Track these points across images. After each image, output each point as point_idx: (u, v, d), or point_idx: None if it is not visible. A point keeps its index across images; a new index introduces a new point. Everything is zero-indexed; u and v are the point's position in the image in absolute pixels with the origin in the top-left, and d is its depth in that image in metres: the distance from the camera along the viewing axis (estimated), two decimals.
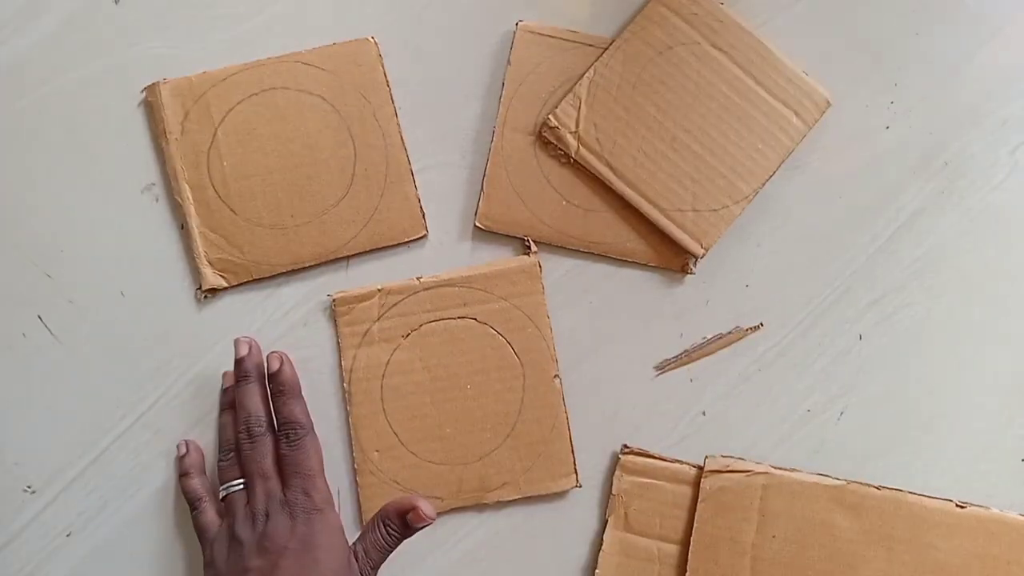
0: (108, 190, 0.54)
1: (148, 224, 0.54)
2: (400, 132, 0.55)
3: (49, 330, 0.53)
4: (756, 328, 0.54)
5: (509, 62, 0.55)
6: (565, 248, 0.55)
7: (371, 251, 0.54)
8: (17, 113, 0.54)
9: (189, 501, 0.51)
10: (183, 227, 0.53)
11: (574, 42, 0.55)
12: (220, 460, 0.51)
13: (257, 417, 0.50)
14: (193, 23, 0.55)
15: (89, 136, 0.54)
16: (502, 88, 0.55)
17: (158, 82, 0.54)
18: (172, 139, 0.54)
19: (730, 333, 0.54)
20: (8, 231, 0.54)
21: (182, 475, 0.51)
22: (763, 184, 0.54)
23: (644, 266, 0.55)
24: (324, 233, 0.54)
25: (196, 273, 0.53)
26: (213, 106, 0.54)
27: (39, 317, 0.53)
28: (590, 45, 0.55)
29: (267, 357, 0.51)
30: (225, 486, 0.50)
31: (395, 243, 0.54)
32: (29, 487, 0.52)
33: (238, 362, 0.51)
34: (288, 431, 0.49)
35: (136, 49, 0.55)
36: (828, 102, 0.55)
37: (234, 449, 0.51)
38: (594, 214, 0.54)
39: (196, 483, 0.51)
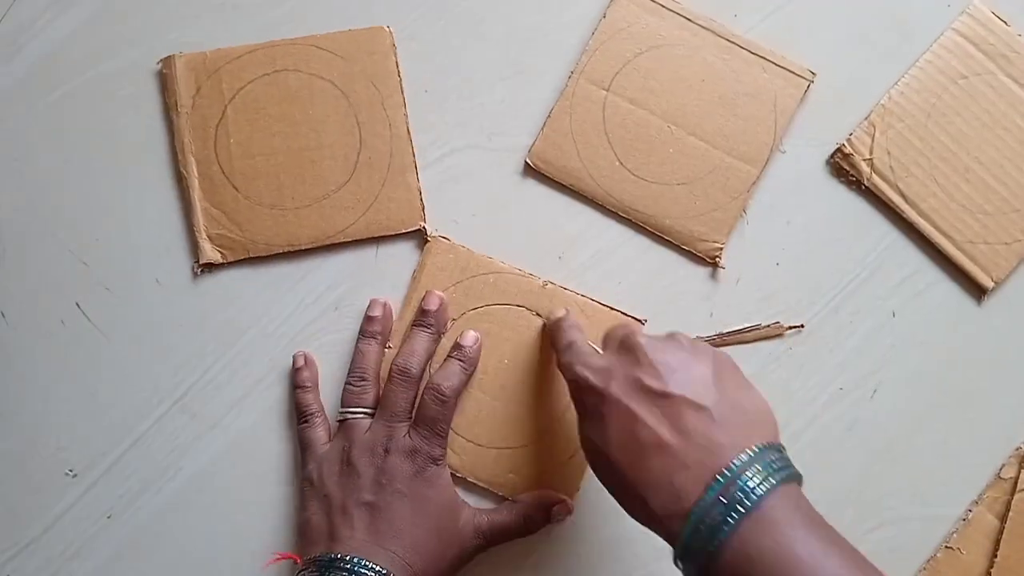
0: (141, 179, 0.55)
1: (181, 213, 0.55)
2: (407, 123, 0.55)
3: (87, 317, 0.54)
4: (799, 328, 0.54)
5: (605, 15, 0.55)
6: (605, 208, 0.55)
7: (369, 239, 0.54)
8: (51, 105, 0.55)
9: (301, 414, 0.52)
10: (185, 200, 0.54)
11: (673, 12, 0.55)
12: (351, 384, 0.51)
13: (419, 362, 0.51)
14: (223, 11, 0.56)
15: (121, 126, 0.55)
16: (591, 37, 0.55)
17: (174, 55, 0.55)
18: (183, 112, 0.54)
19: (769, 326, 0.54)
20: (45, 221, 0.54)
21: (298, 387, 0.52)
22: None
23: (677, 247, 0.55)
24: (322, 218, 0.54)
25: (194, 247, 0.54)
26: (225, 83, 0.54)
27: (77, 305, 0.54)
28: (688, 19, 0.55)
29: (464, 332, 0.52)
30: (350, 410, 0.51)
31: (392, 233, 0.54)
32: (71, 471, 0.53)
33: (426, 311, 0.52)
34: (443, 390, 0.49)
35: (167, 39, 0.55)
36: None
37: (367, 379, 0.51)
38: (643, 184, 0.54)
39: (311, 397, 0.52)
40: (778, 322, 0.54)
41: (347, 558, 0.45)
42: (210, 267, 0.54)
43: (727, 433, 0.38)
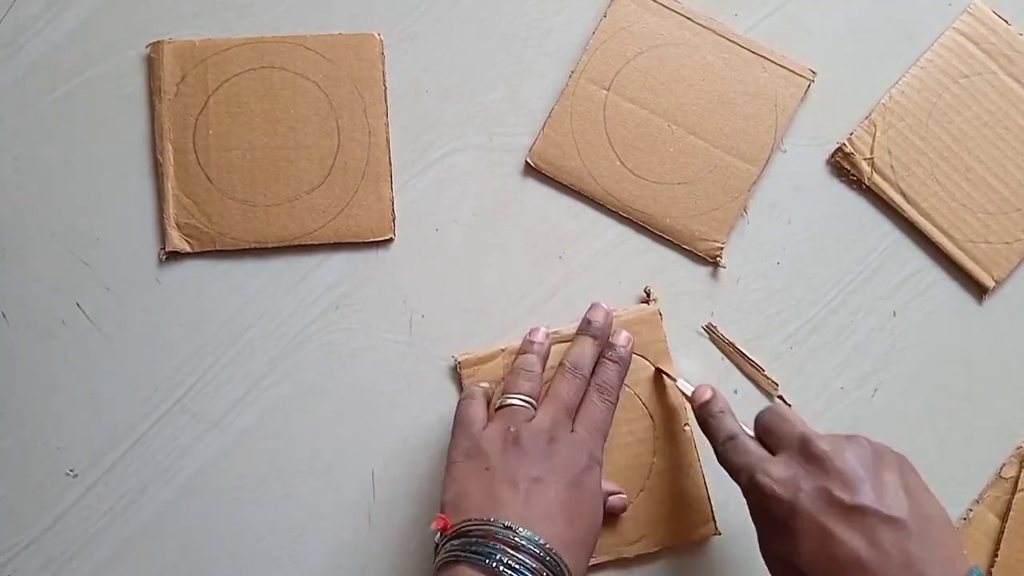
0: (141, 179, 0.55)
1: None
2: (387, 133, 0.55)
3: (87, 317, 0.54)
4: (781, 398, 0.54)
5: (605, 15, 0.55)
6: (605, 207, 0.55)
7: (339, 244, 0.54)
8: (51, 104, 0.55)
9: (469, 393, 0.50)
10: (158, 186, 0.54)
11: (674, 11, 0.55)
12: (519, 376, 0.50)
13: (589, 362, 0.50)
14: (223, 11, 0.56)
15: (121, 126, 0.55)
16: (591, 36, 0.55)
17: (162, 41, 0.55)
18: (165, 99, 0.54)
19: (767, 379, 0.54)
20: (45, 220, 0.54)
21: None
22: None
23: (678, 247, 0.55)
24: (292, 218, 0.54)
25: (162, 234, 0.54)
26: (211, 74, 0.54)
27: (77, 304, 0.54)
28: (688, 18, 0.55)
29: (617, 332, 0.52)
30: (516, 395, 0.49)
31: (359, 240, 0.54)
32: (71, 471, 0.53)
33: (590, 322, 0.51)
34: (604, 390, 0.49)
35: (167, 38, 0.55)
36: None
37: (535, 371, 0.50)
38: (643, 183, 0.54)
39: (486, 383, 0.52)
40: (776, 383, 0.54)
41: (513, 527, 0.43)
42: (176, 255, 0.54)
43: (924, 547, 0.38)
